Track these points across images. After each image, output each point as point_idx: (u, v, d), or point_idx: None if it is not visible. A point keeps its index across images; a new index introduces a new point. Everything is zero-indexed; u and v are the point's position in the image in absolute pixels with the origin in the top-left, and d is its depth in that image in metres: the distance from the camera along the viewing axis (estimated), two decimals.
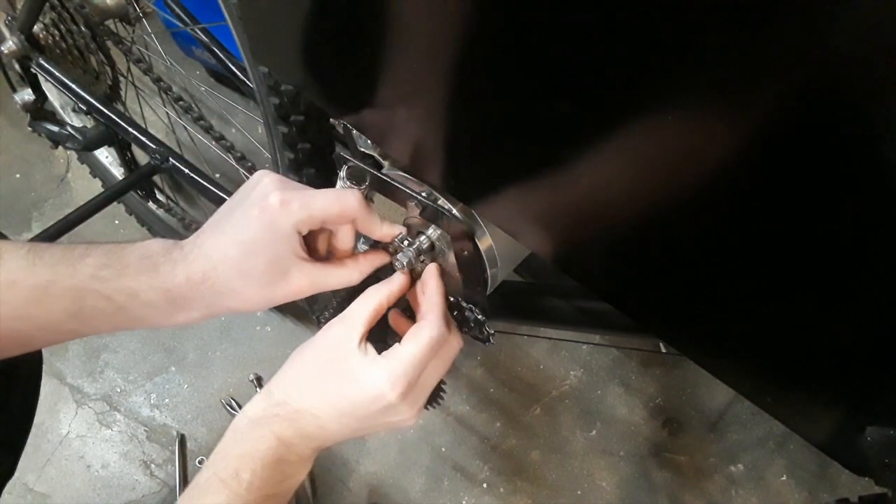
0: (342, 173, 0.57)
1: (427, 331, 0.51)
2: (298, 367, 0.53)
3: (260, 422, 0.50)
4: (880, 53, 0.25)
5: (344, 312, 0.52)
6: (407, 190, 0.58)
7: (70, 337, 0.52)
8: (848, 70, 0.27)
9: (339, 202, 0.49)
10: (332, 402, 0.50)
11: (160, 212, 1.27)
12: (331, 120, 0.76)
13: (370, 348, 0.51)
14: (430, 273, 0.55)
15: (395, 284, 0.54)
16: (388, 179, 0.59)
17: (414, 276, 0.57)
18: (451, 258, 0.60)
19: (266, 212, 0.48)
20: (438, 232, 0.61)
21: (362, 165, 0.58)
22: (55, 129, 1.05)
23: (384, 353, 0.50)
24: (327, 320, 0.54)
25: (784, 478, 1.18)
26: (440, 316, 0.52)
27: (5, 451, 0.70)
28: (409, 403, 0.50)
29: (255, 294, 0.49)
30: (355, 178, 0.57)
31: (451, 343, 0.53)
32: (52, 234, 0.92)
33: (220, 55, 1.00)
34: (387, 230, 0.53)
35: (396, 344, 0.51)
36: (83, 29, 0.90)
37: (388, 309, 0.55)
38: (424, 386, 0.51)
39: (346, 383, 0.50)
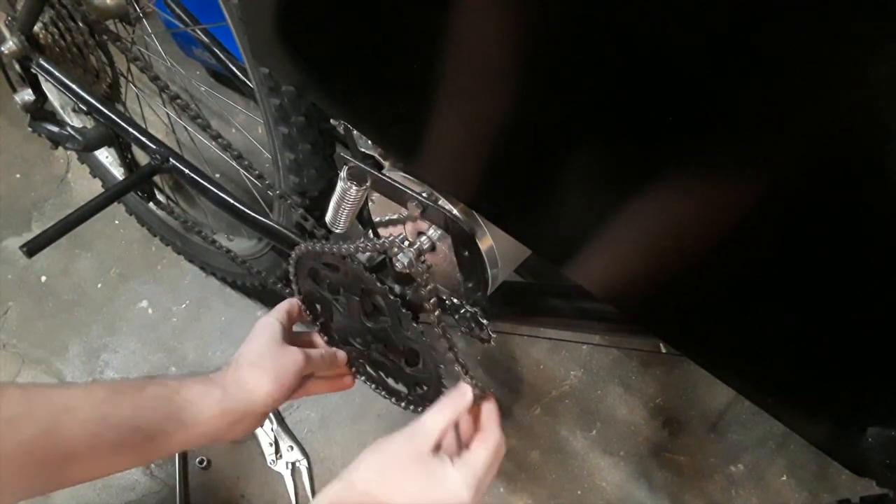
0: (343, 174, 0.57)
1: (491, 438, 0.61)
2: (382, 464, 0.59)
3: None
4: None
5: (418, 422, 0.61)
6: (407, 190, 0.58)
7: (136, 442, 0.60)
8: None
9: (287, 301, 0.78)
10: (414, 497, 0.57)
11: (160, 212, 1.27)
12: (331, 120, 0.76)
13: (444, 457, 0.59)
14: (491, 399, 0.65)
15: (465, 400, 0.62)
16: (389, 180, 0.59)
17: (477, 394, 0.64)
18: (452, 258, 0.60)
19: (257, 324, 0.73)
20: (439, 232, 0.61)
21: (363, 166, 0.58)
22: (55, 129, 1.05)
23: (461, 458, 0.58)
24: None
25: (784, 478, 1.18)
26: (497, 425, 0.62)
27: None
28: (477, 501, 0.58)
29: (268, 363, 0.68)
30: (356, 179, 0.57)
31: (500, 446, 0.62)
32: (52, 235, 0.92)
33: (221, 56, 1.00)
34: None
35: (466, 451, 0.60)
36: (81, 26, 0.90)
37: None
38: (487, 485, 0.60)
39: (430, 486, 0.57)
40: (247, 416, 0.67)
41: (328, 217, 0.63)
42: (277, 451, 1.20)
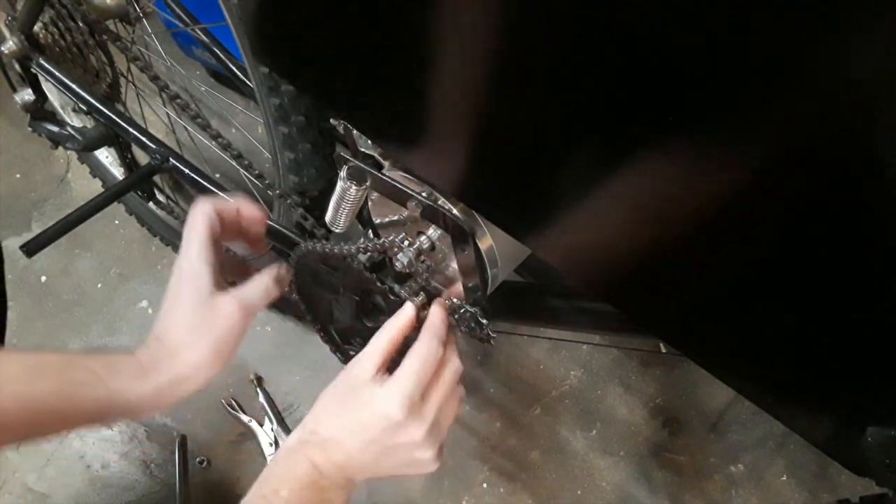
0: (342, 173, 0.57)
1: (418, 346, 0.56)
2: (325, 401, 0.58)
3: (295, 448, 0.56)
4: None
5: (362, 350, 0.58)
6: (407, 190, 0.58)
7: (54, 421, 0.55)
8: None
9: (194, 216, 0.60)
10: (350, 429, 0.55)
11: (160, 212, 1.27)
12: (331, 120, 0.76)
13: (378, 378, 0.56)
14: (437, 307, 0.60)
15: (403, 317, 0.59)
16: (389, 179, 0.59)
17: (422, 307, 0.61)
18: (452, 258, 0.60)
19: (177, 271, 0.60)
20: (439, 232, 0.61)
21: (363, 166, 0.58)
22: (55, 129, 1.05)
23: (388, 379, 0.55)
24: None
25: (784, 478, 1.18)
26: (434, 335, 0.57)
27: None
28: (417, 423, 0.54)
29: (201, 339, 0.58)
30: (356, 179, 0.57)
31: (449, 363, 0.57)
32: (52, 235, 0.92)
33: (221, 55, 1.00)
34: (255, 213, 0.64)
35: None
36: (81, 26, 0.90)
37: (406, 340, 0.60)
38: (430, 408, 0.55)
39: (360, 407, 0.55)
40: (187, 390, 0.60)
41: (328, 217, 0.63)
42: (277, 450, 1.20)
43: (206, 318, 0.58)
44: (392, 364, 0.57)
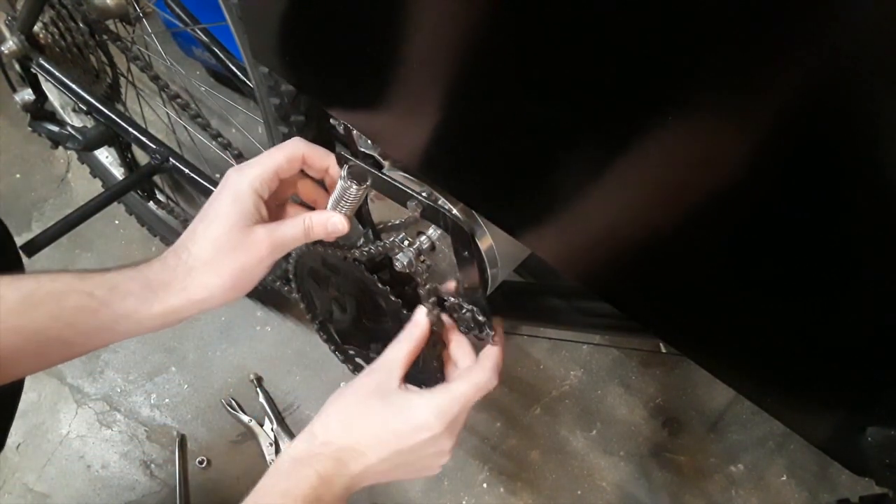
0: (343, 172, 0.57)
1: (481, 375, 0.55)
2: (342, 409, 0.55)
3: (303, 461, 0.52)
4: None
5: (380, 359, 0.57)
6: (407, 190, 0.58)
7: (60, 348, 0.53)
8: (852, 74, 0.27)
9: (283, 147, 0.57)
10: (379, 437, 0.52)
11: (160, 212, 1.27)
12: (331, 120, 0.76)
13: (411, 387, 0.55)
14: (498, 322, 0.60)
15: (420, 329, 0.58)
16: (389, 179, 0.59)
17: (434, 319, 0.60)
18: (452, 258, 0.60)
19: (226, 185, 0.55)
20: (439, 232, 0.61)
21: (363, 165, 0.58)
22: (55, 129, 1.05)
23: (431, 389, 0.54)
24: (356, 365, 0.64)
25: (784, 478, 1.18)
26: (495, 366, 0.57)
27: None
28: (449, 437, 0.53)
29: (225, 262, 0.53)
30: (356, 178, 0.57)
31: (487, 382, 0.56)
32: (51, 235, 0.92)
33: (221, 55, 1.00)
34: (328, 161, 0.59)
35: (444, 384, 0.56)
36: (81, 26, 0.90)
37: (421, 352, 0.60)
38: (461, 423, 0.55)
39: (393, 415, 0.52)
40: (192, 314, 0.56)
41: None
42: (277, 450, 1.20)
43: (236, 242, 0.53)
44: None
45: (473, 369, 0.57)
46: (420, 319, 0.59)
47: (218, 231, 0.54)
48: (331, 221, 0.58)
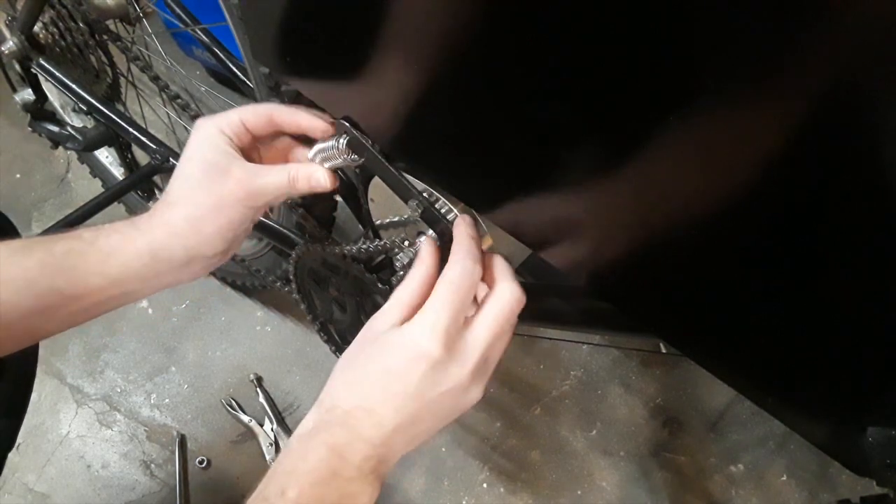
0: (341, 142, 0.55)
1: (447, 270, 0.47)
2: (343, 369, 0.49)
3: (311, 434, 0.45)
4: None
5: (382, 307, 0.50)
6: (408, 183, 0.58)
7: (58, 301, 0.51)
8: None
9: (258, 105, 0.57)
10: (381, 385, 0.45)
11: None
12: None
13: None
14: (459, 220, 0.52)
15: (426, 256, 0.51)
16: (389, 167, 0.57)
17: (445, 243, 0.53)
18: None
19: (196, 129, 0.56)
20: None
21: (362, 139, 0.56)
22: (55, 129, 1.05)
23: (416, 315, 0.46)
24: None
25: (784, 478, 1.18)
26: (465, 253, 0.48)
27: (6, 419, 0.71)
28: (458, 362, 0.45)
29: (200, 194, 0.53)
30: (355, 151, 0.55)
31: (503, 293, 0.48)
32: None
33: (221, 55, 1.00)
34: (317, 122, 0.57)
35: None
36: (81, 26, 0.90)
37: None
38: (476, 340, 0.45)
39: (389, 356, 0.45)
40: (193, 261, 0.54)
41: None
42: (277, 450, 1.20)
43: (213, 176, 0.53)
44: None
45: (445, 268, 0.48)
46: (424, 246, 0.52)
47: (193, 168, 0.54)
48: (314, 176, 0.56)
